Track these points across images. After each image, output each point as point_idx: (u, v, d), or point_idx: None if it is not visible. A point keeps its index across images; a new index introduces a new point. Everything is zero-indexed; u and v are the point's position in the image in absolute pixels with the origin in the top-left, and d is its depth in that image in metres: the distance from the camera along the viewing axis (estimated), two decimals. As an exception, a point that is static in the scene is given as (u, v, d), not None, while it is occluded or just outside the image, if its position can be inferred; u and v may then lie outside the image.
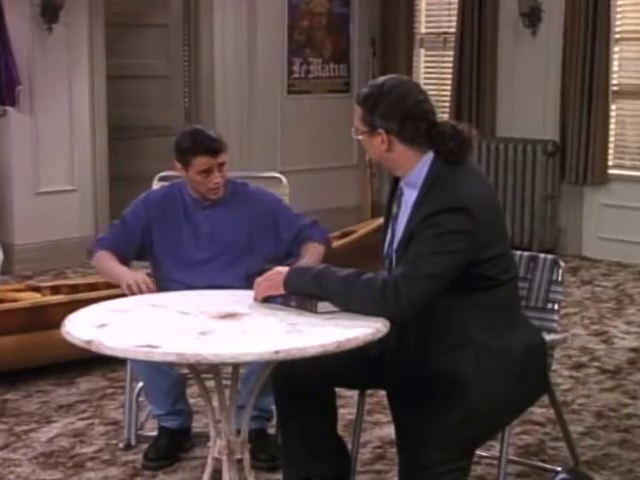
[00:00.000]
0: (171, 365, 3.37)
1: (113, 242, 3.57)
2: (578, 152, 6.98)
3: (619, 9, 6.92)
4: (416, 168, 2.72)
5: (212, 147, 3.47)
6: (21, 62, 6.33)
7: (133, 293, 3.24)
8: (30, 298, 4.55)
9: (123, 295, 3.19)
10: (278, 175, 4.12)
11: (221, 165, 3.49)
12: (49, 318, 4.01)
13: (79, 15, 6.63)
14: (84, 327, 2.54)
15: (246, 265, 3.50)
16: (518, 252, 3.12)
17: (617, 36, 6.93)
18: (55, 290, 4.75)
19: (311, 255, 3.47)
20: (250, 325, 2.58)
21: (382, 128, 2.69)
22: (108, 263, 3.50)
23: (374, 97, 2.71)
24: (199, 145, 3.46)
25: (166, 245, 3.55)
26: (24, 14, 6.37)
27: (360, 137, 2.77)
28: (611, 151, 7.03)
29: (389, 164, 2.77)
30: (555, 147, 7.10)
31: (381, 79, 2.79)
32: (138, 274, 3.39)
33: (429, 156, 2.71)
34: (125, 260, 3.53)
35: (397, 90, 2.71)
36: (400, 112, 2.68)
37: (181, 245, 3.53)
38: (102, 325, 2.56)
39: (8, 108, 6.34)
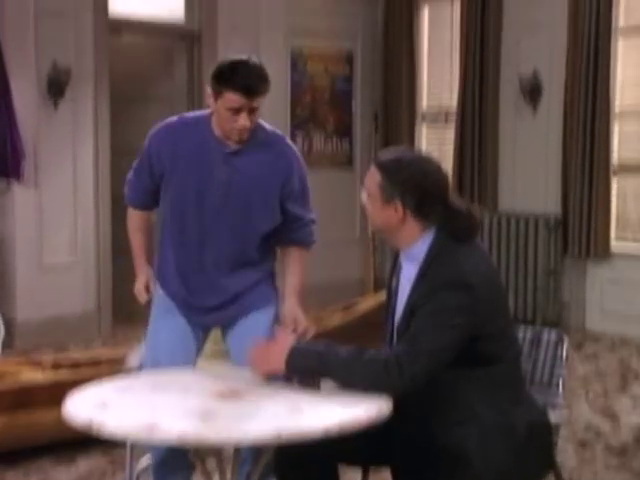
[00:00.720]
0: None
1: (135, 198, 3.40)
2: (580, 226, 7.00)
3: (618, 86, 7.00)
4: (418, 242, 2.73)
5: (250, 87, 3.06)
6: (26, 136, 6.40)
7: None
8: (31, 373, 4.51)
9: (124, 373, 3.17)
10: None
11: (253, 109, 3.10)
12: (49, 395, 3.97)
13: (84, 90, 6.72)
14: (85, 407, 2.51)
15: (253, 225, 3.23)
16: (522, 328, 3.11)
17: (617, 112, 7.00)
18: (56, 365, 4.71)
19: (296, 274, 3.34)
20: (252, 404, 2.56)
21: (399, 200, 2.70)
22: (133, 239, 3.53)
23: (397, 167, 2.71)
24: (237, 79, 3.05)
25: (174, 183, 3.22)
26: (31, 89, 6.46)
27: (370, 202, 2.76)
28: (613, 225, 7.06)
29: (393, 235, 2.77)
30: (557, 221, 7.12)
31: (405, 150, 2.83)
32: (140, 279, 3.40)
33: (431, 231, 2.73)
34: (154, 207, 3.38)
35: (421, 166, 2.72)
36: (421, 188, 2.69)
37: (189, 188, 3.19)
38: (103, 405, 2.54)
39: (12, 182, 6.38)
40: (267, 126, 3.28)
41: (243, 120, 3.09)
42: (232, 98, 3.06)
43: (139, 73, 7.36)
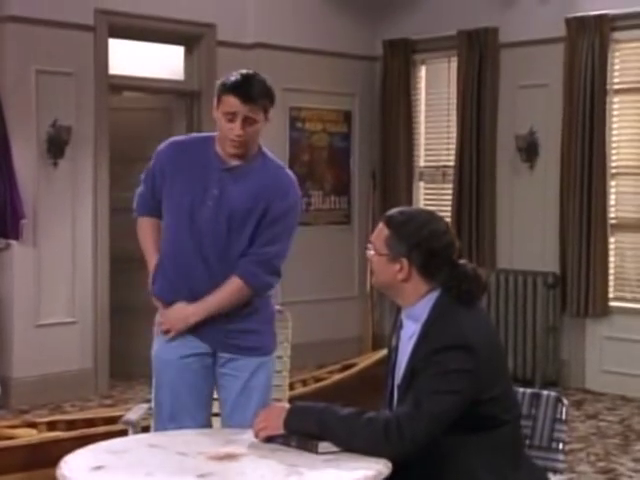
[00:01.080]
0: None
1: (143, 204, 3.40)
2: (579, 284, 7.00)
3: (614, 144, 7.05)
4: (422, 302, 2.72)
5: (247, 93, 3.14)
6: (26, 196, 6.42)
7: None
8: (26, 435, 4.47)
9: (121, 433, 3.14)
10: (281, 308, 3.99)
11: (248, 119, 3.15)
12: (44, 456, 3.93)
13: (84, 149, 6.76)
14: (80, 469, 2.49)
15: (240, 242, 3.22)
16: (521, 389, 3.08)
17: (613, 171, 7.04)
18: (52, 426, 4.67)
19: (215, 294, 3.21)
20: (249, 467, 2.53)
21: (406, 258, 2.71)
22: (145, 243, 3.40)
23: (405, 225, 2.72)
24: (236, 84, 3.16)
25: (172, 197, 3.28)
26: (31, 149, 6.50)
27: (375, 256, 2.76)
28: (612, 283, 7.05)
29: (396, 292, 2.76)
30: (555, 279, 7.12)
31: (416, 209, 2.89)
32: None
33: (436, 291, 2.72)
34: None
35: (430, 226, 2.73)
36: (428, 248, 2.70)
37: (185, 200, 3.23)
38: (98, 467, 2.51)
39: (11, 241, 6.39)
40: (270, 154, 3.36)
41: (236, 128, 3.15)
42: (229, 102, 3.15)
43: (139, 132, 7.41)
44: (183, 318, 3.24)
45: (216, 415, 3.36)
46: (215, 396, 3.35)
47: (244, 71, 3.26)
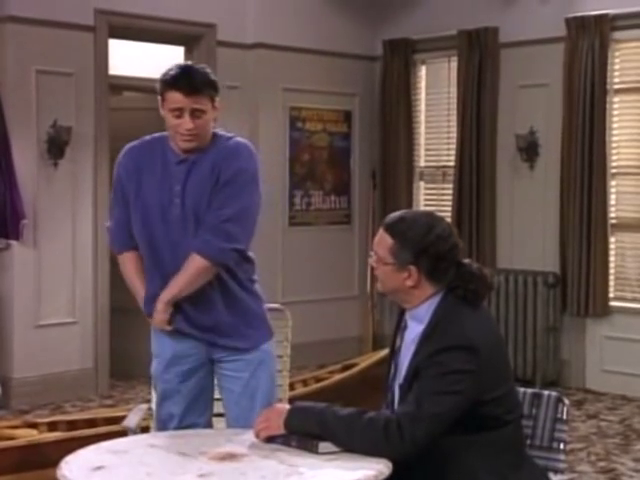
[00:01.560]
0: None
1: (121, 237, 3.26)
2: (579, 284, 7.00)
3: (614, 144, 7.05)
4: (426, 303, 2.72)
5: (190, 85, 3.04)
6: (26, 196, 6.42)
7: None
8: (26, 435, 4.47)
9: (121, 433, 3.14)
10: (281, 307, 3.95)
11: (195, 111, 3.07)
12: (45, 457, 3.93)
13: (85, 150, 6.75)
14: (80, 469, 2.49)
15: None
16: (522, 389, 3.07)
17: (613, 170, 7.04)
18: (52, 426, 4.67)
19: (173, 282, 3.13)
20: (250, 467, 2.53)
21: (414, 265, 2.68)
22: (133, 282, 3.32)
23: (410, 232, 2.68)
24: (176, 78, 3.07)
25: (137, 206, 3.19)
26: (31, 150, 6.49)
27: (380, 266, 2.73)
28: (612, 283, 7.05)
29: (404, 297, 2.75)
30: (556, 279, 7.12)
31: (416, 213, 2.80)
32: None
33: (441, 292, 2.72)
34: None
35: (433, 229, 2.69)
36: (436, 253, 2.67)
37: (153, 204, 3.15)
38: (99, 467, 2.51)
39: (12, 242, 6.39)
40: (222, 132, 3.24)
41: (186, 123, 3.06)
42: (173, 98, 3.07)
43: (139, 132, 7.34)
44: (157, 309, 3.19)
45: (218, 415, 3.35)
46: (217, 396, 3.34)
47: (181, 63, 3.19)
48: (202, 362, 3.27)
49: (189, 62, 3.23)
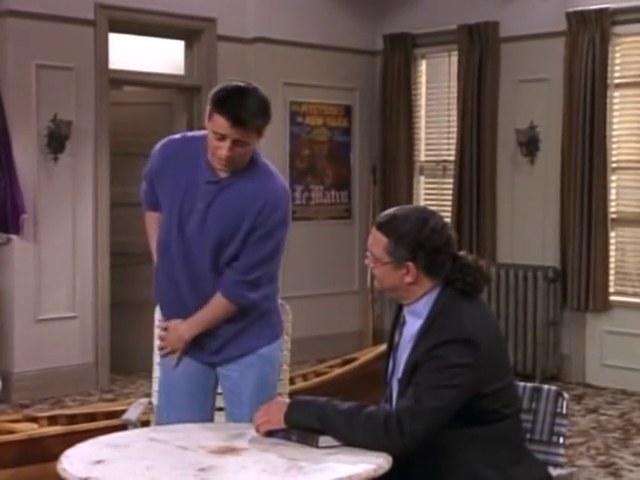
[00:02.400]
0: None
1: (148, 201, 3.28)
2: (579, 279, 7.00)
3: (615, 139, 7.05)
4: (424, 298, 2.72)
5: (239, 117, 2.93)
6: (26, 191, 6.42)
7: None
8: (26, 429, 4.48)
9: (121, 427, 3.15)
10: (281, 302, 3.95)
11: (238, 141, 2.97)
12: (45, 450, 3.94)
13: (85, 144, 6.75)
14: (81, 463, 2.49)
15: (225, 258, 3.10)
16: (521, 383, 3.08)
17: (614, 165, 7.04)
18: (53, 420, 4.68)
19: (207, 309, 3.13)
20: (250, 461, 2.53)
21: (411, 261, 2.68)
22: (150, 236, 3.28)
23: (404, 229, 2.68)
24: (228, 106, 2.95)
25: (164, 202, 3.17)
26: (31, 144, 6.49)
27: (377, 265, 2.72)
28: (612, 278, 7.05)
29: (403, 293, 2.75)
30: (556, 273, 7.12)
31: (407, 209, 2.77)
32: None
33: (439, 286, 2.72)
34: None
35: (426, 224, 2.68)
36: (432, 247, 2.67)
37: (174, 210, 3.12)
38: (99, 461, 2.51)
39: (12, 236, 6.39)
40: (263, 160, 3.18)
41: (224, 149, 2.97)
42: (219, 123, 2.96)
43: (139, 127, 7.40)
44: (178, 337, 3.20)
45: (218, 410, 3.36)
46: (219, 390, 3.34)
47: (240, 84, 3.04)
48: (205, 366, 3.29)
49: (245, 84, 3.03)
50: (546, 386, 3.06)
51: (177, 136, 3.28)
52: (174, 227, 3.14)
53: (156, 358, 3.44)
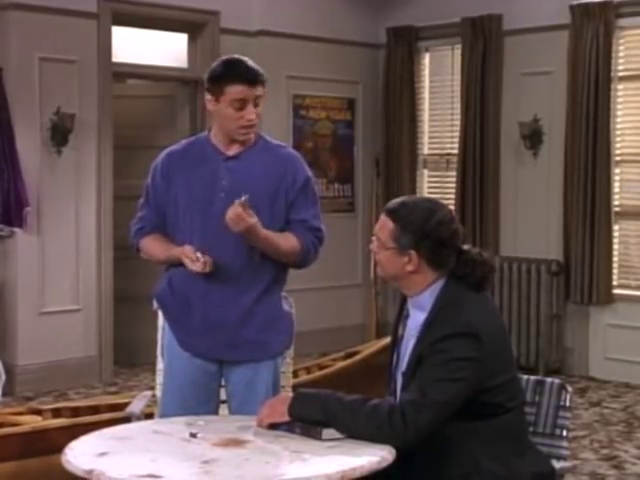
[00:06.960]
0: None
1: (149, 225, 3.33)
2: (582, 272, 6.99)
3: (618, 132, 7.04)
4: (428, 290, 2.72)
5: (249, 76, 3.12)
6: (30, 184, 6.42)
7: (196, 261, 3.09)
8: (30, 422, 4.48)
9: (125, 420, 3.15)
10: (285, 295, 3.95)
11: (258, 98, 3.16)
12: (49, 443, 3.94)
13: (88, 138, 6.75)
14: (85, 456, 2.50)
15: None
16: (525, 376, 3.08)
17: (617, 158, 7.03)
18: (56, 413, 4.68)
19: (280, 237, 3.16)
20: (254, 453, 2.53)
21: (414, 250, 2.69)
22: (154, 249, 3.31)
23: (411, 217, 2.69)
24: (235, 72, 3.12)
25: (182, 199, 3.22)
26: (34, 138, 6.49)
27: (381, 250, 2.73)
28: (615, 271, 7.04)
29: (405, 283, 2.75)
30: (559, 267, 7.11)
31: (418, 199, 2.82)
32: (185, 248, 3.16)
33: (443, 279, 2.72)
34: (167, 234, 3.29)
35: (437, 216, 2.70)
36: (437, 238, 2.68)
37: (195, 198, 3.18)
38: (103, 454, 2.51)
39: (15, 229, 6.40)
40: (268, 137, 3.33)
41: (250, 112, 3.12)
42: (235, 92, 3.11)
43: (142, 120, 7.41)
44: (241, 219, 3.04)
45: (222, 402, 3.36)
46: (222, 383, 3.35)
47: (229, 57, 3.22)
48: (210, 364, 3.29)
49: (235, 55, 3.24)
50: (549, 379, 3.06)
51: (174, 146, 3.37)
52: (197, 216, 3.16)
53: (159, 350, 3.44)
